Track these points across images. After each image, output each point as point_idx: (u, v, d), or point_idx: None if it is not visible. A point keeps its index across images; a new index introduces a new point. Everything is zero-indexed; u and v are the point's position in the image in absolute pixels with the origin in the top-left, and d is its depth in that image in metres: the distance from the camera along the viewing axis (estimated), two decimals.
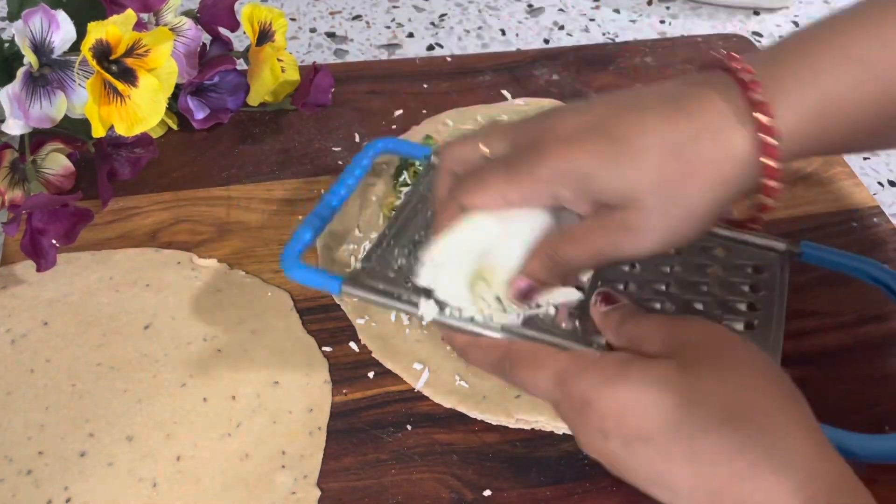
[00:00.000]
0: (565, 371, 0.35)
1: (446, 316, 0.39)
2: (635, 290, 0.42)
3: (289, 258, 0.45)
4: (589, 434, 0.34)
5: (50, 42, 0.47)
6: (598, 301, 0.39)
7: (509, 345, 0.38)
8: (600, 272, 0.41)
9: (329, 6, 0.78)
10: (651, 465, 0.33)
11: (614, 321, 0.37)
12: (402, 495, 0.41)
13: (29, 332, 0.47)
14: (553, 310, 0.39)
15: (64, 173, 0.53)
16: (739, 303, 0.42)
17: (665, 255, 0.42)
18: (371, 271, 0.42)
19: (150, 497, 0.41)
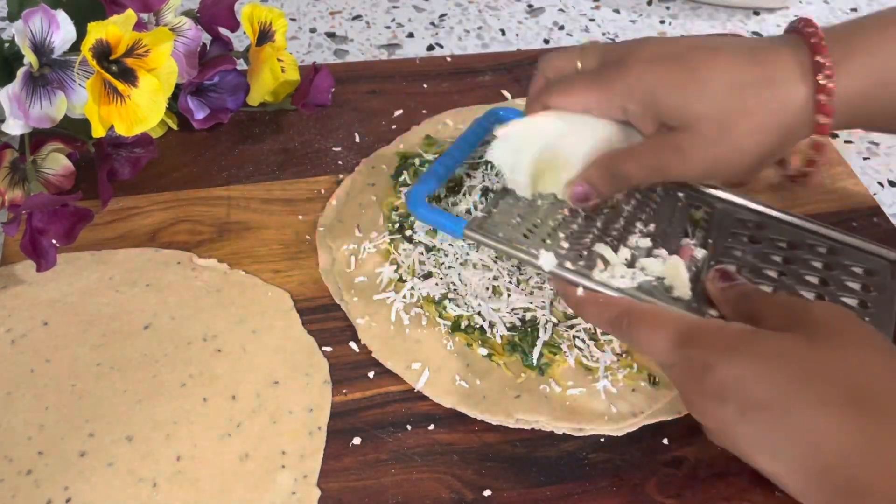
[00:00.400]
0: (687, 333, 0.36)
1: (565, 269, 0.42)
2: (746, 274, 0.43)
3: (416, 196, 0.47)
4: (704, 397, 0.35)
5: (50, 42, 0.47)
6: (716, 277, 0.41)
7: (629, 303, 0.40)
8: (713, 254, 0.44)
9: (329, 6, 0.78)
10: (764, 433, 0.33)
11: (733, 296, 0.39)
12: (402, 495, 0.41)
13: (29, 332, 0.47)
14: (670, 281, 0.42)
15: (64, 173, 0.53)
16: (850, 299, 0.43)
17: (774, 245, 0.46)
18: (493, 219, 0.45)
19: (150, 497, 0.41)
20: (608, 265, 0.42)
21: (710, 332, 0.36)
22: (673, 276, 0.42)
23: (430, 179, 0.49)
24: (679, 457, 0.43)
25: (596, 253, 0.43)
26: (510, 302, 0.48)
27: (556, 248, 0.43)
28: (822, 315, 0.35)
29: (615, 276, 0.41)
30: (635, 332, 0.38)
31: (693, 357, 0.35)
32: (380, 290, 0.50)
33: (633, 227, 0.46)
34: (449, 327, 0.48)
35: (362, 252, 0.51)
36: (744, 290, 0.40)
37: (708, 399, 0.35)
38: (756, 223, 0.47)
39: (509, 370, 0.46)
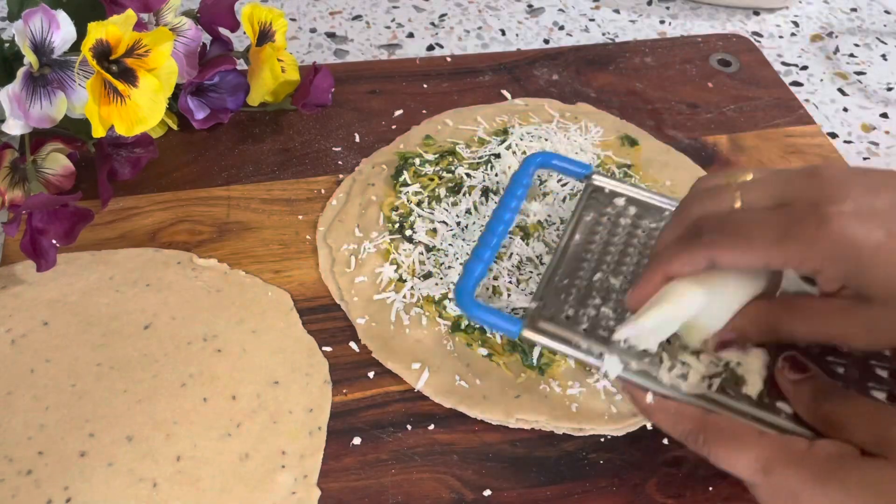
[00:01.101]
0: (773, 459, 0.34)
1: (631, 372, 0.39)
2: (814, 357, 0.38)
3: (464, 295, 0.44)
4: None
5: (50, 42, 0.47)
6: (785, 367, 0.37)
7: (704, 417, 0.36)
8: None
9: (329, 6, 0.78)
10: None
11: (806, 394, 0.36)
12: (402, 495, 0.41)
13: (29, 332, 0.47)
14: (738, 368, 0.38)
15: (64, 173, 0.53)
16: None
17: None
18: (547, 312, 0.42)
19: (150, 497, 0.41)
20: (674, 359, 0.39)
21: (797, 460, 0.33)
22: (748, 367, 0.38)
23: (476, 266, 0.46)
24: (679, 457, 0.43)
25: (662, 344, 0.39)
26: (510, 302, 0.48)
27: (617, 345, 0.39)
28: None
29: (686, 375, 0.38)
30: (714, 450, 0.36)
31: (779, 484, 0.33)
32: (380, 290, 0.50)
33: None
34: (449, 327, 0.48)
35: (362, 252, 0.51)
36: (819, 386, 0.36)
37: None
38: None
39: (509, 370, 0.46)
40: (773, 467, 0.34)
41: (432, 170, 0.56)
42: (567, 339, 0.41)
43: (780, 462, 0.34)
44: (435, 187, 0.55)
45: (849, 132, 0.66)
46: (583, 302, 0.43)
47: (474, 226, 0.52)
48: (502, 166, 0.55)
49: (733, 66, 0.69)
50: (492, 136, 0.59)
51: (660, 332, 0.38)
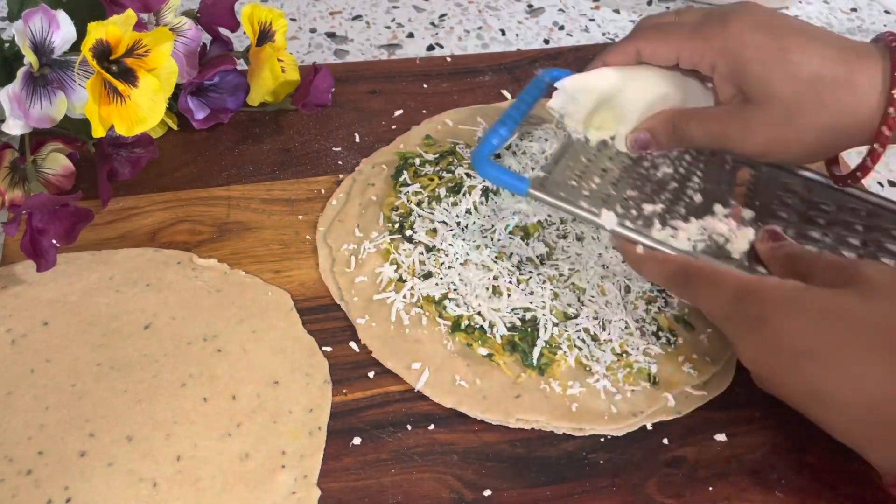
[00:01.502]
0: (745, 289, 0.39)
1: (626, 227, 0.44)
2: (793, 235, 0.46)
3: (482, 155, 0.47)
4: (759, 347, 0.38)
5: (50, 42, 0.47)
6: (765, 237, 0.43)
7: (687, 260, 0.42)
8: (761, 217, 0.47)
9: (329, 6, 0.78)
10: (814, 379, 0.36)
11: (781, 256, 0.42)
12: (402, 495, 0.41)
13: (29, 332, 0.47)
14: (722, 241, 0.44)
15: (64, 173, 0.53)
16: (889, 259, 0.45)
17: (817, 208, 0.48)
18: (553, 179, 0.46)
19: (150, 497, 0.41)
20: (666, 225, 0.45)
21: (766, 288, 0.38)
22: (728, 234, 0.44)
23: (492, 138, 0.49)
24: (679, 457, 0.43)
25: (654, 212, 0.45)
26: (510, 302, 0.48)
27: (615, 207, 0.45)
28: (872, 273, 0.37)
29: (675, 236, 0.44)
30: (693, 288, 0.41)
31: (749, 311, 0.38)
32: (380, 290, 0.50)
33: (686, 188, 0.48)
34: (449, 327, 0.48)
35: (362, 252, 0.51)
36: (792, 250, 0.42)
37: (763, 348, 0.38)
38: (800, 186, 0.49)
39: (509, 370, 0.46)
40: (745, 297, 0.38)
41: (432, 170, 0.56)
42: (569, 200, 0.45)
43: (751, 292, 0.38)
44: (435, 187, 0.55)
45: None
46: (584, 177, 0.47)
47: (474, 226, 0.52)
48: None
49: None
50: None
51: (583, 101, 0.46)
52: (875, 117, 0.41)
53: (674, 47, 0.45)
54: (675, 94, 0.46)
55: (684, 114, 0.45)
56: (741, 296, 0.39)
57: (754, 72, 0.42)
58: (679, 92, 0.47)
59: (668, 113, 0.46)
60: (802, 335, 0.36)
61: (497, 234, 0.52)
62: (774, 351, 0.37)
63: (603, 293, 0.49)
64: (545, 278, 0.50)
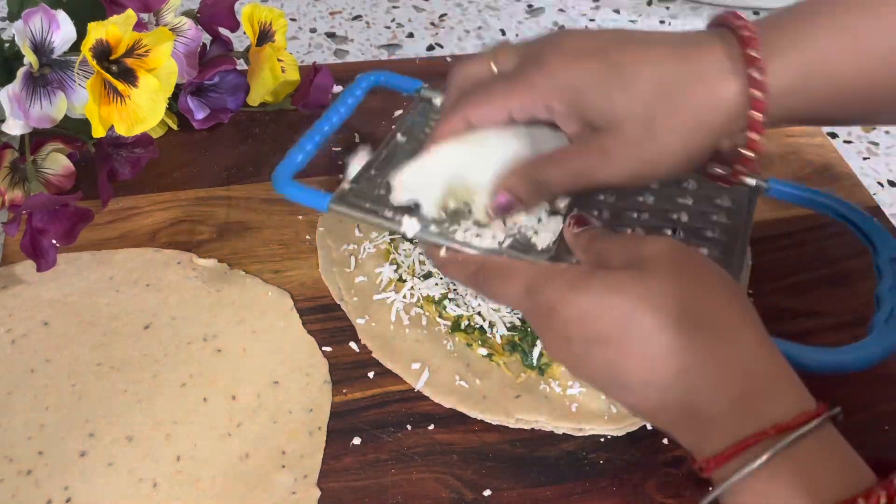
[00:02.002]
0: (534, 280, 0.37)
1: (428, 232, 0.42)
2: (608, 217, 0.44)
3: (281, 176, 0.46)
4: (554, 339, 0.36)
5: (50, 42, 0.47)
6: (571, 223, 0.41)
7: (484, 258, 0.40)
8: (576, 200, 0.44)
9: (329, 6, 0.78)
10: (608, 365, 0.35)
11: (584, 240, 0.39)
12: (402, 495, 0.41)
13: (29, 332, 0.47)
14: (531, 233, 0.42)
15: (64, 173, 0.53)
16: (706, 230, 0.44)
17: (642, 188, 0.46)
18: (358, 191, 0.44)
19: (150, 497, 0.41)
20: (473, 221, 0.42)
21: (553, 276, 0.36)
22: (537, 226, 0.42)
23: (297, 154, 0.48)
24: (679, 457, 0.43)
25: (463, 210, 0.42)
26: None
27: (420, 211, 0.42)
28: (651, 249, 0.35)
29: (480, 234, 0.42)
30: (490, 286, 0.39)
31: (540, 301, 0.36)
32: (380, 290, 0.50)
33: None
34: (449, 327, 0.48)
35: (362, 252, 0.51)
36: (595, 233, 0.39)
37: (557, 339, 0.36)
38: None
39: (509, 370, 0.46)
40: (535, 287, 0.37)
41: None
42: (372, 211, 0.43)
43: (541, 281, 0.37)
44: None
45: (849, 132, 0.66)
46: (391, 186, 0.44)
47: None
48: None
49: None
50: None
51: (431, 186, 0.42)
52: (738, 104, 0.37)
53: (501, 106, 0.40)
54: (525, 148, 0.42)
55: (538, 162, 0.40)
56: (532, 287, 0.37)
57: (592, 101, 0.38)
58: (528, 144, 0.42)
59: (522, 166, 0.40)
60: (589, 321, 0.34)
61: None
62: (567, 341, 0.35)
63: None
64: None
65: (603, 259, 0.37)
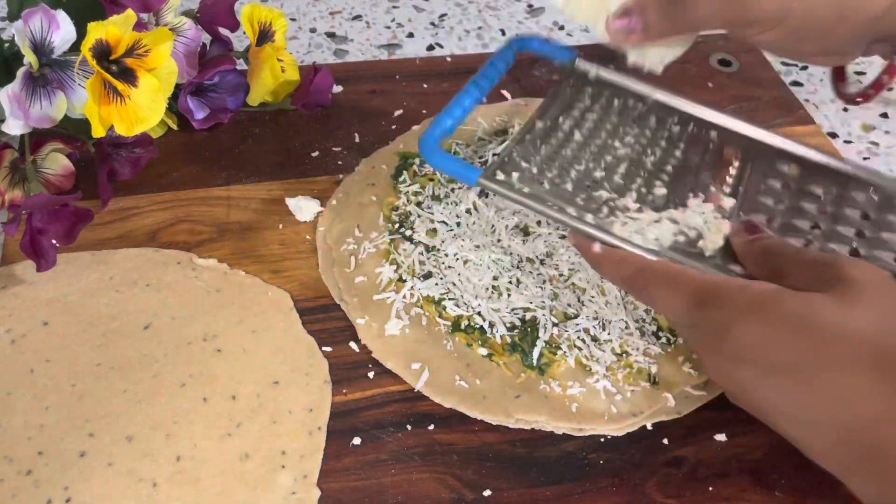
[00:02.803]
0: (705, 293, 0.34)
1: (585, 223, 0.39)
2: (779, 227, 0.41)
3: (429, 143, 0.43)
4: (721, 360, 0.34)
5: (50, 42, 0.47)
6: (741, 229, 0.38)
7: (645, 261, 0.37)
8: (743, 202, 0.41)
9: (329, 6, 0.78)
10: (787, 396, 0.32)
11: (757, 250, 0.37)
12: (402, 495, 0.41)
13: (29, 332, 0.47)
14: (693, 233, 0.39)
15: (64, 173, 0.53)
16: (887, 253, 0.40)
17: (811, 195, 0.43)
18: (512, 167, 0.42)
19: (150, 497, 0.41)
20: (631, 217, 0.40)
21: (729, 292, 0.34)
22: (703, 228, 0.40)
23: (447, 118, 0.45)
24: (679, 457, 0.43)
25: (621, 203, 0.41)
26: (510, 302, 0.48)
27: (577, 198, 0.41)
28: (854, 273, 0.32)
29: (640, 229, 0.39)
30: (651, 292, 0.36)
31: (711, 318, 0.34)
32: (380, 290, 0.50)
33: (662, 172, 0.43)
34: (449, 327, 0.48)
35: (362, 252, 0.51)
36: (769, 244, 0.37)
37: (727, 362, 0.33)
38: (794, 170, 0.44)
39: (509, 370, 0.46)
40: (706, 301, 0.34)
41: (432, 170, 0.56)
42: (523, 192, 0.41)
43: (712, 296, 0.34)
44: (435, 187, 0.55)
45: (849, 132, 0.66)
46: (546, 163, 0.43)
47: (474, 226, 0.52)
48: None
49: (733, 66, 0.69)
50: (492, 136, 0.59)
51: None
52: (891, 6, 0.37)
53: None
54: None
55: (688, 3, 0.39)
56: (702, 301, 0.34)
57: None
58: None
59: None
60: (771, 346, 0.32)
61: (497, 234, 0.52)
62: (740, 363, 0.33)
63: (603, 293, 0.49)
64: (545, 278, 0.50)
65: (781, 276, 0.34)
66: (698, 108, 0.47)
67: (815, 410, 0.31)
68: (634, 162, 0.44)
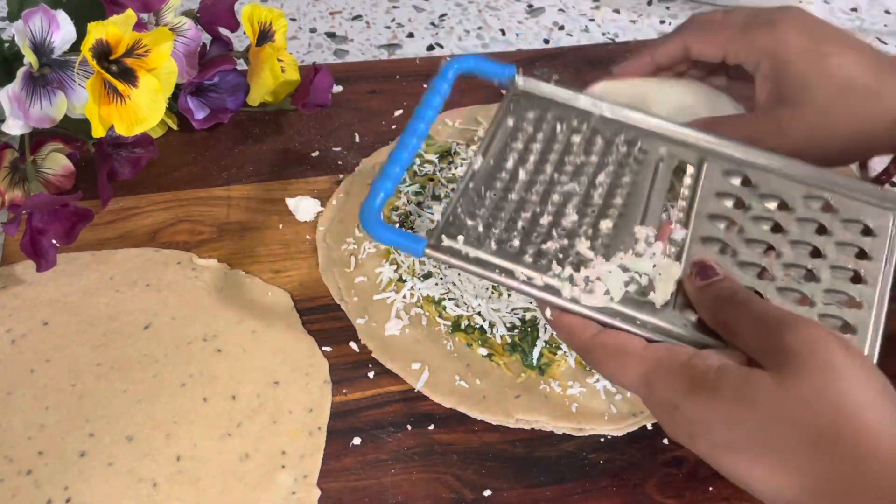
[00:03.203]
0: (653, 372, 0.35)
1: (535, 286, 0.38)
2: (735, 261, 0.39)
3: (369, 215, 0.40)
4: (676, 432, 0.35)
5: (50, 42, 0.47)
6: (693, 273, 0.38)
7: (593, 337, 0.37)
8: (697, 230, 0.40)
9: (329, 6, 0.78)
10: (733, 471, 0.33)
11: (709, 299, 0.37)
12: (402, 495, 0.41)
13: (29, 332, 0.47)
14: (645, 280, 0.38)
15: (64, 173, 0.53)
16: (843, 275, 0.39)
17: (764, 208, 0.41)
18: (457, 230, 0.40)
19: (150, 497, 0.41)
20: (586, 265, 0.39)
21: (676, 372, 0.34)
22: (654, 275, 0.39)
23: (385, 182, 0.42)
24: (679, 457, 0.43)
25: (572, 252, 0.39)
26: (510, 302, 0.48)
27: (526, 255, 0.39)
28: (794, 345, 0.32)
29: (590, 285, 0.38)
30: (603, 366, 0.37)
31: (660, 395, 0.35)
32: (380, 290, 0.50)
33: (611, 204, 0.41)
34: (449, 327, 0.48)
35: (362, 252, 0.51)
36: (720, 292, 0.37)
37: (678, 433, 0.35)
38: (744, 178, 0.43)
39: (509, 370, 0.46)
40: (654, 380, 0.35)
41: (432, 170, 0.56)
42: (472, 258, 0.39)
43: (660, 374, 0.35)
44: (435, 187, 0.55)
45: None
46: (493, 215, 0.41)
47: None
48: None
49: None
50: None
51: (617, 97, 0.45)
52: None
53: (721, 45, 0.46)
54: (703, 108, 0.46)
55: (716, 120, 0.45)
56: (649, 379, 0.35)
57: (795, 72, 0.43)
58: (707, 106, 0.47)
59: (700, 119, 0.45)
60: (715, 426, 0.33)
61: None
62: (691, 439, 0.34)
63: None
64: None
65: (730, 332, 0.35)
66: (645, 119, 0.44)
67: (760, 487, 0.33)
68: (582, 197, 0.42)
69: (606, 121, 0.45)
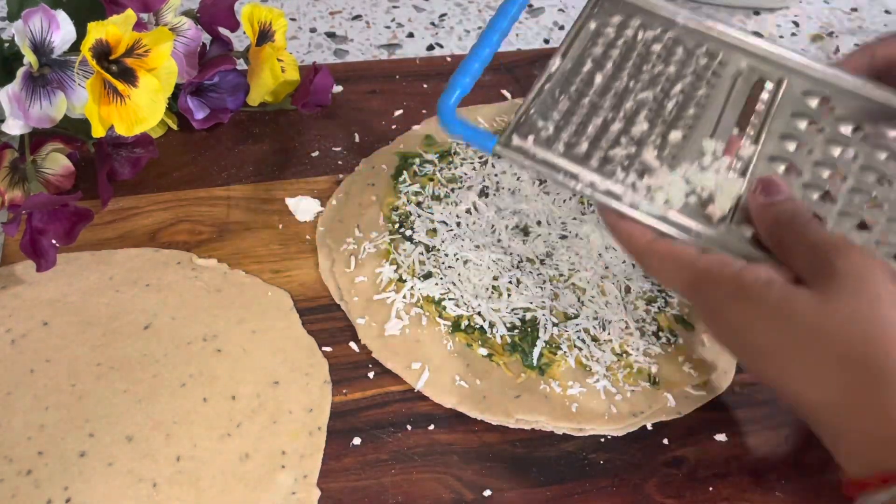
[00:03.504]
0: (704, 277, 0.37)
1: (596, 190, 0.39)
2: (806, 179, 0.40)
3: (446, 110, 0.41)
4: (720, 331, 0.38)
5: (50, 42, 0.47)
6: (759, 188, 0.38)
7: (650, 242, 0.39)
8: (765, 148, 0.40)
9: (329, 6, 0.77)
10: (773, 376, 0.36)
11: (770, 217, 0.37)
12: (402, 495, 0.41)
13: (29, 332, 0.47)
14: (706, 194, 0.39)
15: (64, 173, 0.53)
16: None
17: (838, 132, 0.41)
18: (524, 131, 0.40)
19: (150, 497, 0.41)
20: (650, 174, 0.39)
21: (723, 278, 0.36)
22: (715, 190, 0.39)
23: (463, 78, 0.42)
24: (679, 457, 0.43)
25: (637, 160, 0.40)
26: (510, 302, 0.48)
27: (592, 159, 0.40)
28: (843, 267, 0.34)
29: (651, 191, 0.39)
30: (656, 273, 0.39)
31: (706, 300, 0.37)
32: (380, 290, 0.50)
33: (684, 115, 0.41)
34: (449, 327, 0.48)
35: (362, 252, 0.51)
36: (781, 214, 0.37)
37: (722, 335, 0.38)
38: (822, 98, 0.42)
39: (509, 370, 0.46)
40: (703, 286, 0.37)
41: (432, 170, 0.56)
42: (539, 158, 0.40)
43: (710, 281, 0.37)
44: (435, 187, 0.55)
45: None
46: (564, 119, 0.41)
47: (474, 226, 0.52)
48: (502, 166, 0.55)
49: None
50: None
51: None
52: None
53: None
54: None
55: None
56: (696, 286, 0.37)
57: None
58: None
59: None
60: (754, 332, 0.35)
61: (497, 234, 0.52)
62: (732, 338, 0.37)
63: (603, 293, 0.49)
64: (545, 278, 0.50)
65: (785, 252, 0.36)
66: (730, 31, 0.44)
67: (797, 393, 0.35)
68: (655, 107, 0.42)
69: (689, 31, 0.44)
